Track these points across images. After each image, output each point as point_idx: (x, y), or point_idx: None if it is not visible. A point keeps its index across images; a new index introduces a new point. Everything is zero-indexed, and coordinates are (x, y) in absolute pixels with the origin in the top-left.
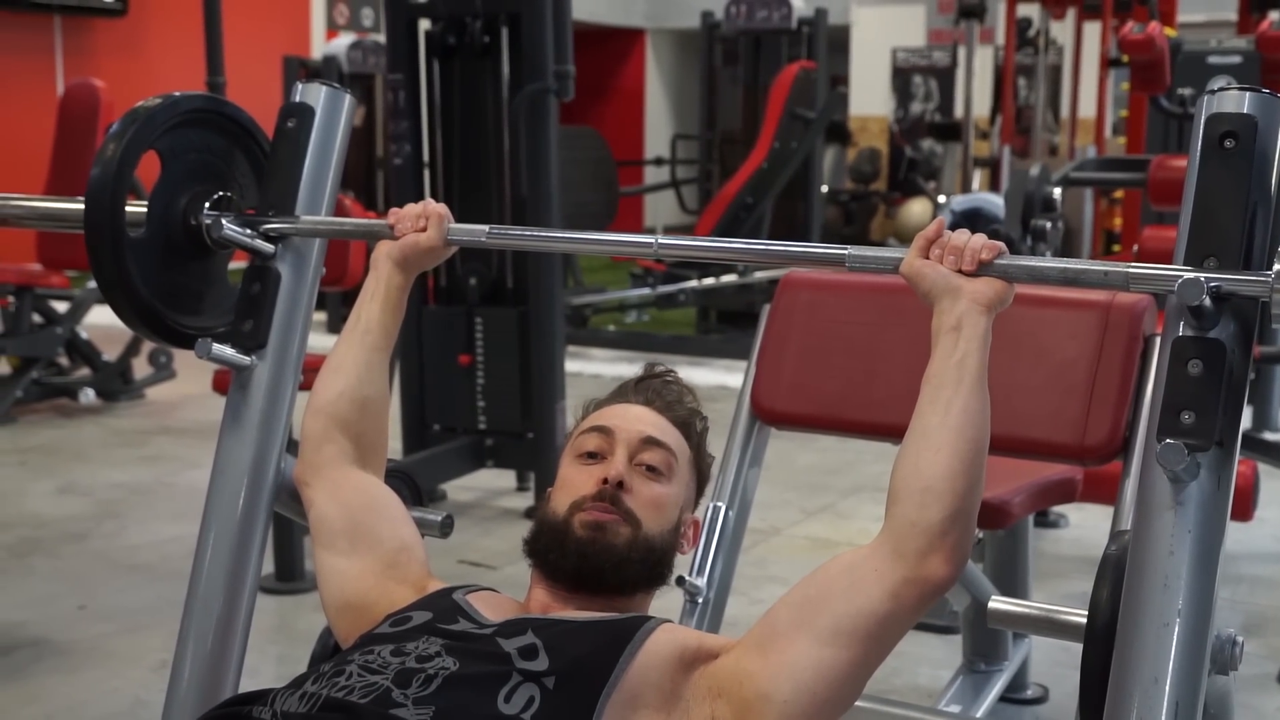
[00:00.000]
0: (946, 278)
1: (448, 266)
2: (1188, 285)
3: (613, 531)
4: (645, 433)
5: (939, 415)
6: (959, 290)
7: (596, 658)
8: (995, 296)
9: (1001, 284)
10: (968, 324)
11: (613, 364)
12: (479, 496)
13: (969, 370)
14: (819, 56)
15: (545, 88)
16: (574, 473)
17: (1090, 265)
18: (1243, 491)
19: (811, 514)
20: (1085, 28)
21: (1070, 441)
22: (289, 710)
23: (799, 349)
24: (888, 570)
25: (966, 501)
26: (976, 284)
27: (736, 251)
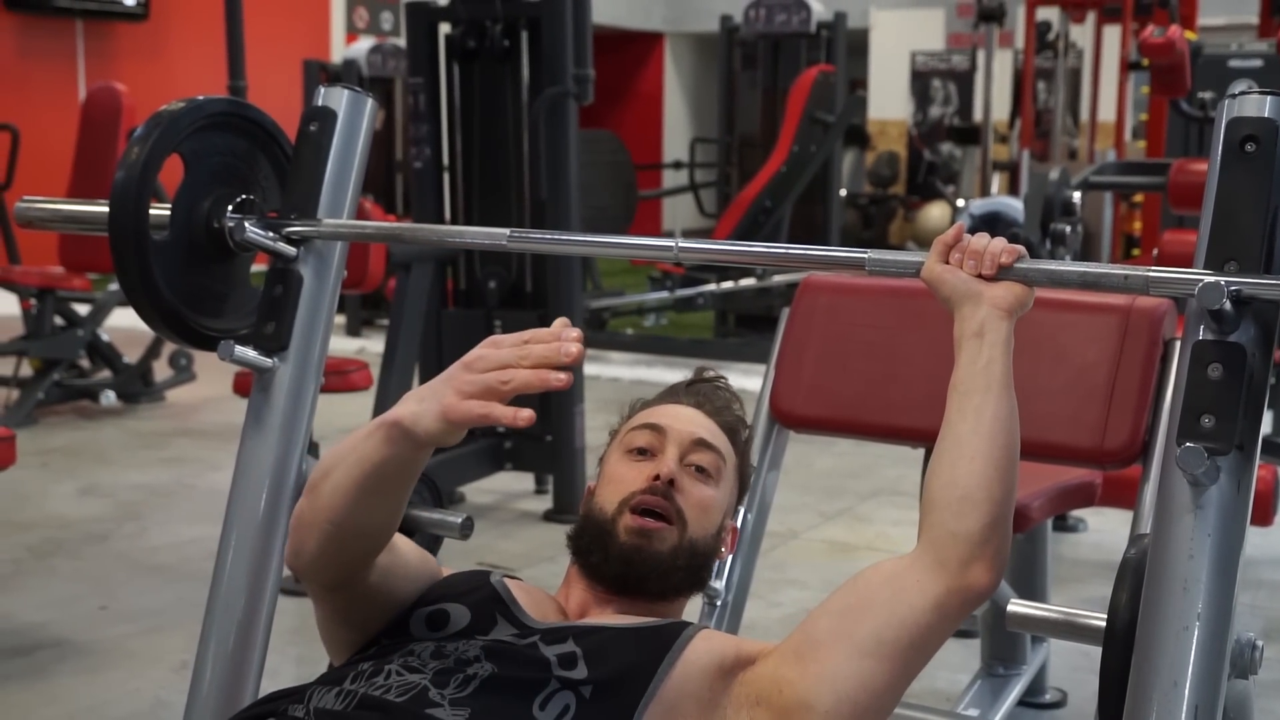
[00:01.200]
0: (967, 283)
1: (467, 269)
2: (1208, 289)
3: (659, 539)
4: (697, 434)
5: (970, 423)
6: (979, 296)
7: (635, 668)
8: (1015, 301)
9: (1021, 288)
10: (990, 329)
11: (631, 367)
12: (498, 499)
13: (995, 376)
14: (838, 60)
15: (565, 91)
16: (623, 468)
17: (1110, 269)
18: (1263, 496)
19: (830, 517)
20: (1105, 31)
21: (1089, 445)
22: (324, 707)
23: (818, 352)
24: (930, 582)
25: (1003, 508)
26: (996, 289)
27: (756, 255)
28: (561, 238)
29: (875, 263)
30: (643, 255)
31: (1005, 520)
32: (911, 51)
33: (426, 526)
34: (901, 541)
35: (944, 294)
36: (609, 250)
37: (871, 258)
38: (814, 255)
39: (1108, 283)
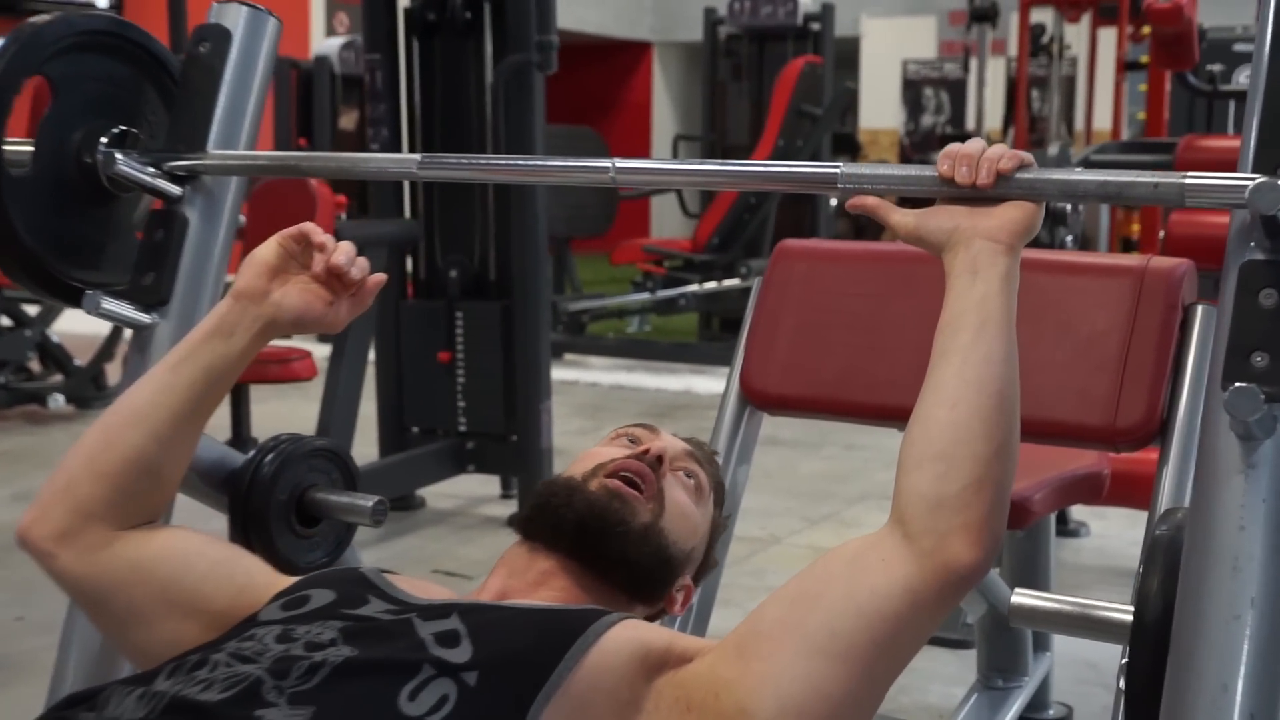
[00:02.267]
0: (953, 217)
1: (428, 257)
2: (1262, 191)
3: (632, 509)
4: (689, 448)
5: (954, 365)
6: (971, 231)
7: (534, 653)
8: (1016, 228)
9: (1022, 209)
10: (985, 263)
11: (611, 372)
12: (460, 504)
13: (992, 311)
14: (826, 53)
15: (527, 59)
16: (603, 448)
17: (1136, 177)
18: None
19: (814, 523)
20: (1100, 35)
21: (1100, 424)
22: (118, 717)
23: (794, 325)
24: (898, 560)
25: (994, 469)
26: (990, 219)
27: (703, 175)
28: (479, 161)
29: (850, 178)
30: (577, 180)
31: (996, 484)
32: (903, 60)
33: (333, 511)
34: None
35: (927, 237)
36: (537, 177)
37: (845, 172)
38: (776, 172)
39: (1134, 193)
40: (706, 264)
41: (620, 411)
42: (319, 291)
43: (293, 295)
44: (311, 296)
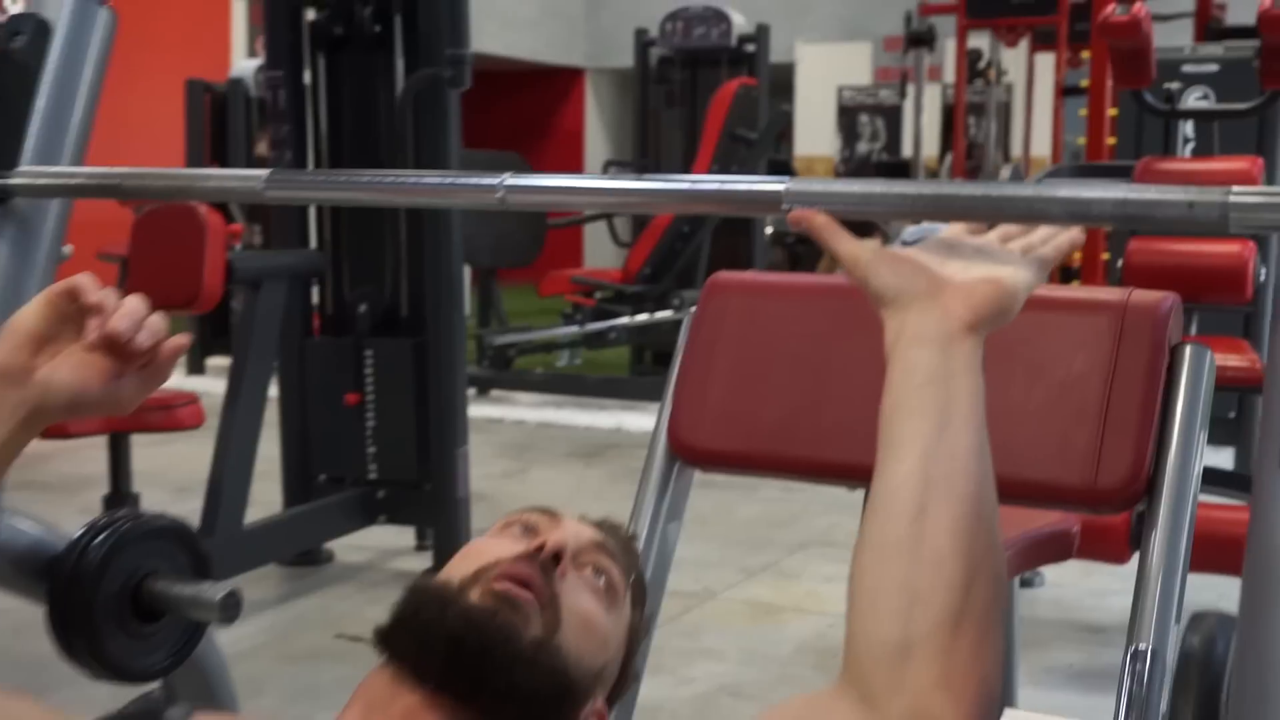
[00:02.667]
0: (917, 273)
1: (335, 291)
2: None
3: (522, 613)
4: (599, 539)
5: (914, 462)
6: (934, 293)
7: None
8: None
9: (1001, 288)
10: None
11: (539, 409)
12: (371, 557)
13: (960, 393)
14: (761, 75)
15: (437, 74)
16: (490, 543)
17: (1163, 194)
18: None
19: (753, 574)
20: (1037, 60)
21: (1079, 483)
22: None
23: (729, 368)
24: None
25: (976, 598)
26: (959, 292)
27: (610, 194)
28: (335, 178)
29: (799, 196)
30: (464, 203)
31: (978, 620)
32: (838, 86)
33: (176, 605)
34: (833, 601)
35: (876, 283)
36: (404, 193)
37: (792, 189)
38: (709, 191)
39: (1161, 214)
40: (638, 295)
41: (548, 451)
42: (99, 364)
43: (64, 372)
44: (89, 372)
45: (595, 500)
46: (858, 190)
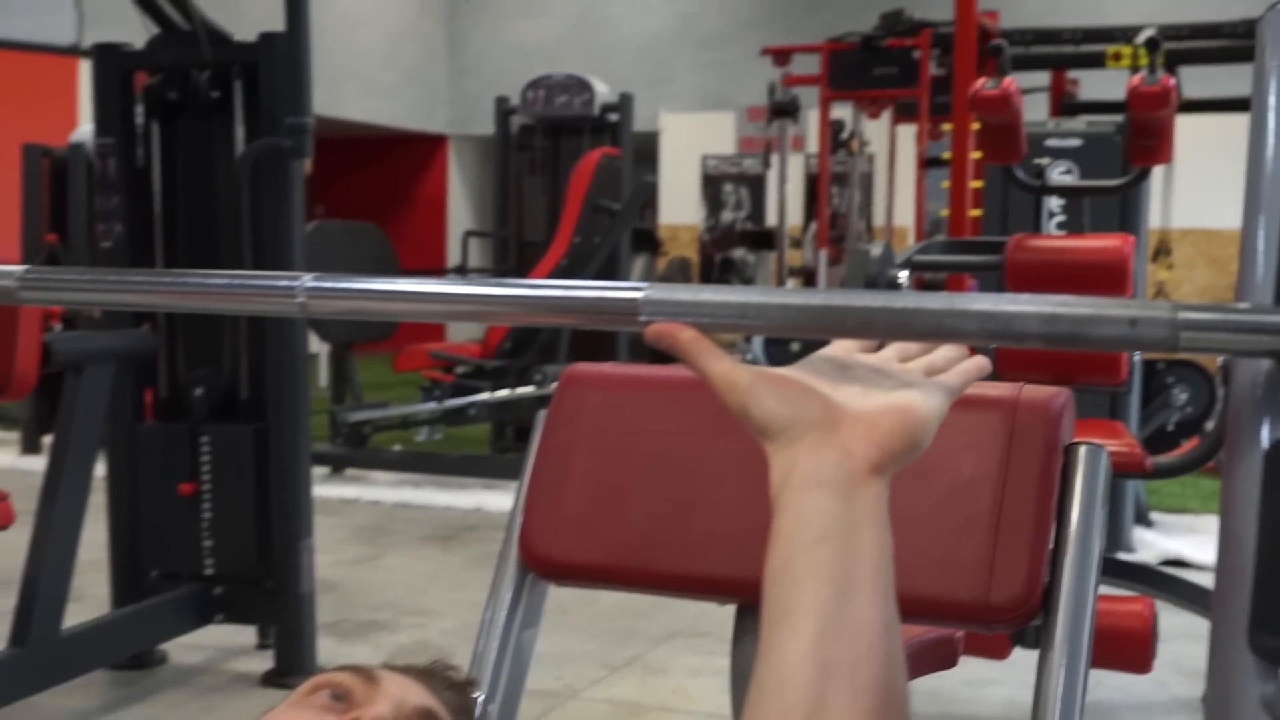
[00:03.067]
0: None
1: (169, 373)
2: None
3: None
4: (425, 705)
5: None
6: (830, 427)
7: None
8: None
9: (909, 416)
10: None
11: (396, 488)
12: (209, 657)
13: (865, 552)
14: (625, 145)
15: (277, 143)
16: (292, 712)
17: (1100, 309)
18: (1141, 637)
19: (616, 669)
20: (900, 131)
21: (970, 599)
22: None
23: (587, 471)
24: None
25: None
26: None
27: (448, 299)
28: (103, 278)
29: (656, 306)
30: (248, 306)
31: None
32: (702, 155)
33: None
34: (702, 698)
35: (755, 411)
36: (182, 298)
37: (650, 298)
38: (552, 297)
39: (1098, 334)
40: (498, 370)
41: (404, 534)
42: None
43: None
44: None
45: (453, 588)
46: (732, 300)
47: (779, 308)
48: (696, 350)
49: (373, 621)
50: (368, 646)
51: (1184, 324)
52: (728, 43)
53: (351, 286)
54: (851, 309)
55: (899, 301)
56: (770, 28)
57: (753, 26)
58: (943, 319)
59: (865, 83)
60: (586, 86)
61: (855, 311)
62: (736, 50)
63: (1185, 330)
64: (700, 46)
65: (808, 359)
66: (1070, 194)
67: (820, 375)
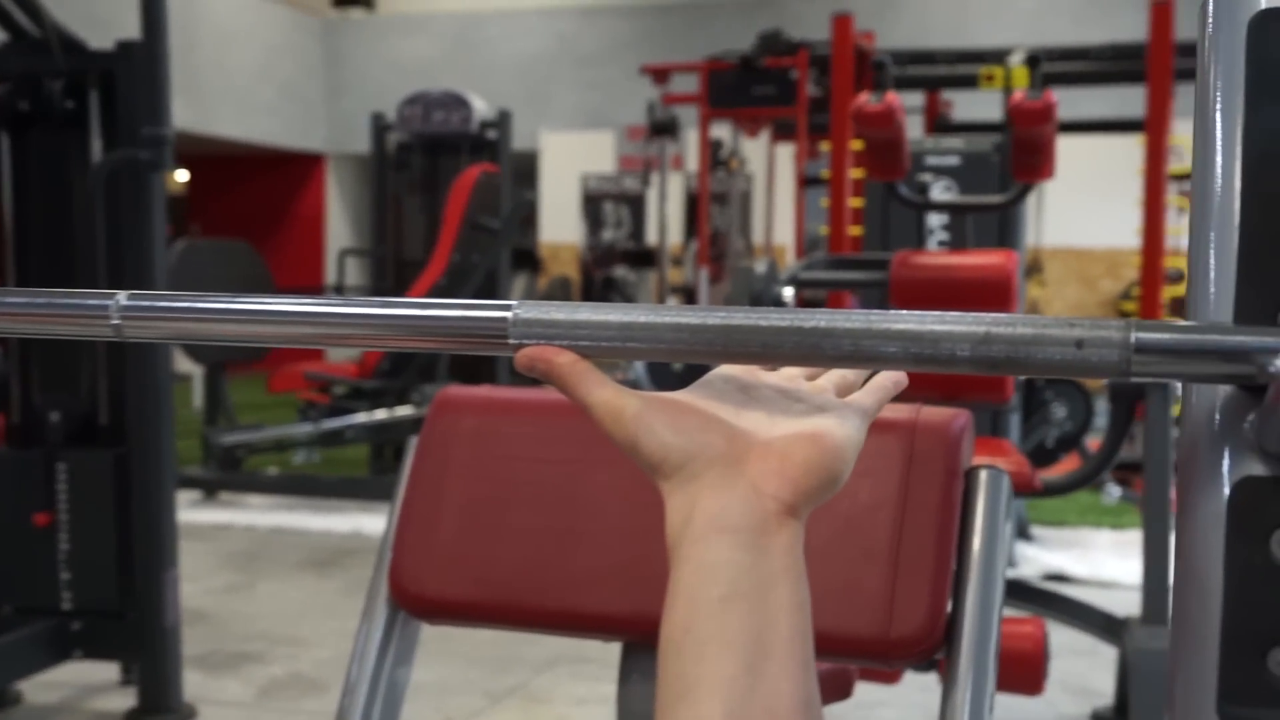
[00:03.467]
0: (708, 429)
1: (23, 397)
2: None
3: None
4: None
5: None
6: (736, 462)
7: None
8: (813, 478)
9: (824, 446)
10: (756, 525)
11: (271, 513)
12: (68, 696)
13: (781, 612)
14: (503, 161)
15: (133, 156)
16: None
17: (1041, 330)
18: (1033, 659)
19: (498, 699)
20: (778, 151)
21: (870, 634)
22: None
23: (461, 502)
24: None
25: None
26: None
27: (286, 319)
28: None
29: (528, 327)
30: (49, 328)
31: None
32: (582, 174)
33: None
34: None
35: (647, 446)
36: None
37: (520, 316)
38: (396, 320)
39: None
40: (376, 391)
41: (279, 561)
42: None
43: None
44: None
45: (329, 617)
46: (615, 320)
47: (670, 328)
48: (574, 377)
49: (243, 653)
50: (237, 680)
51: (1139, 346)
52: (606, 62)
53: (175, 306)
54: (754, 329)
55: (809, 321)
56: (648, 48)
57: (631, 46)
58: (860, 340)
59: (744, 101)
60: (464, 103)
61: (758, 333)
62: (615, 70)
63: (1140, 353)
64: (579, 66)
65: (703, 380)
66: (954, 210)
67: (719, 400)
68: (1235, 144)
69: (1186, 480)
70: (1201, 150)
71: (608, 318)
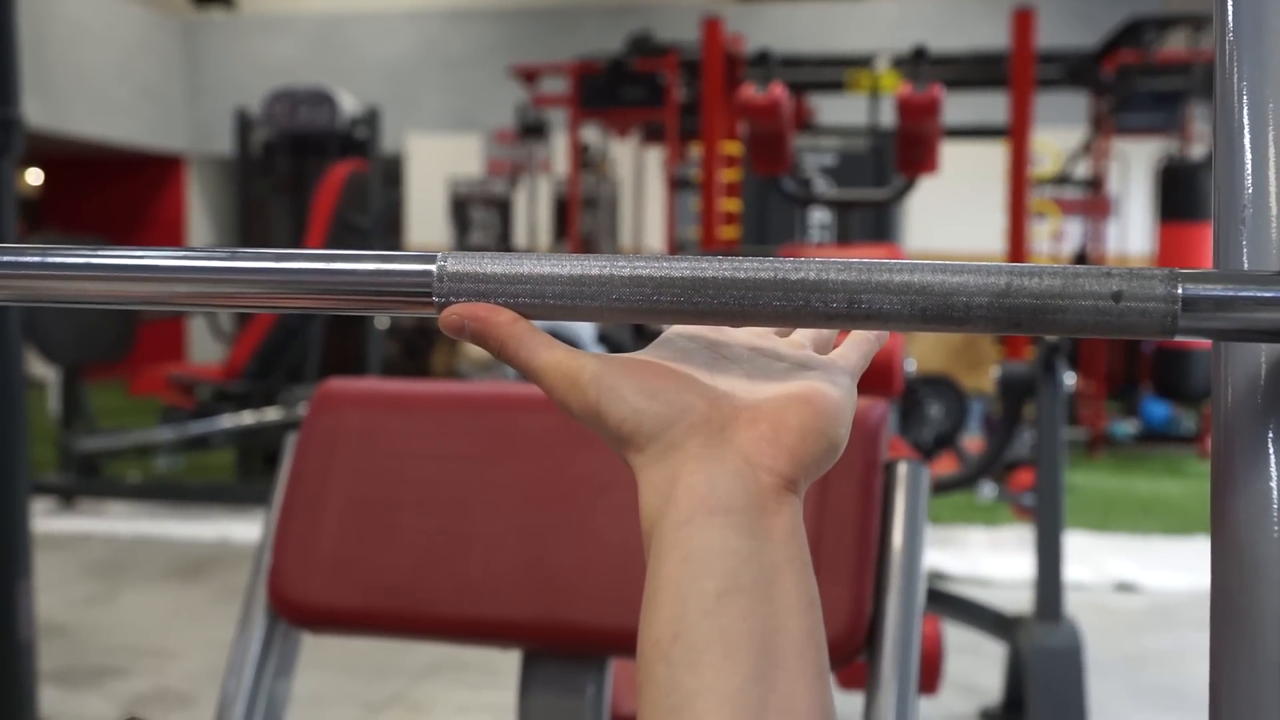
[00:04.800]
0: (683, 389)
1: None
2: None
3: None
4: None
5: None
6: (720, 425)
7: None
8: (811, 443)
9: (819, 404)
10: (752, 503)
11: (134, 521)
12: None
13: (786, 611)
14: (373, 159)
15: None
16: None
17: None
18: (931, 658)
19: (377, 708)
20: (647, 155)
21: None
22: None
23: (345, 503)
24: None
25: None
26: (760, 421)
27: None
28: None
29: (455, 282)
30: None
31: None
32: (449, 178)
33: None
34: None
35: (611, 412)
36: None
37: (447, 269)
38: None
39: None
40: (243, 394)
41: (142, 570)
42: None
43: None
44: None
45: (196, 627)
46: (562, 273)
47: (628, 282)
48: (515, 338)
49: (105, 667)
50: (99, 696)
51: (1186, 299)
52: (473, 65)
53: (29, 261)
54: (730, 282)
55: (796, 272)
56: (515, 51)
57: (498, 50)
58: (857, 295)
59: (614, 103)
60: (332, 99)
61: (734, 287)
62: (482, 73)
63: (1187, 309)
64: (445, 69)
65: (662, 339)
66: (840, 205)
67: (686, 360)
68: None
69: (1228, 455)
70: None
71: (555, 270)
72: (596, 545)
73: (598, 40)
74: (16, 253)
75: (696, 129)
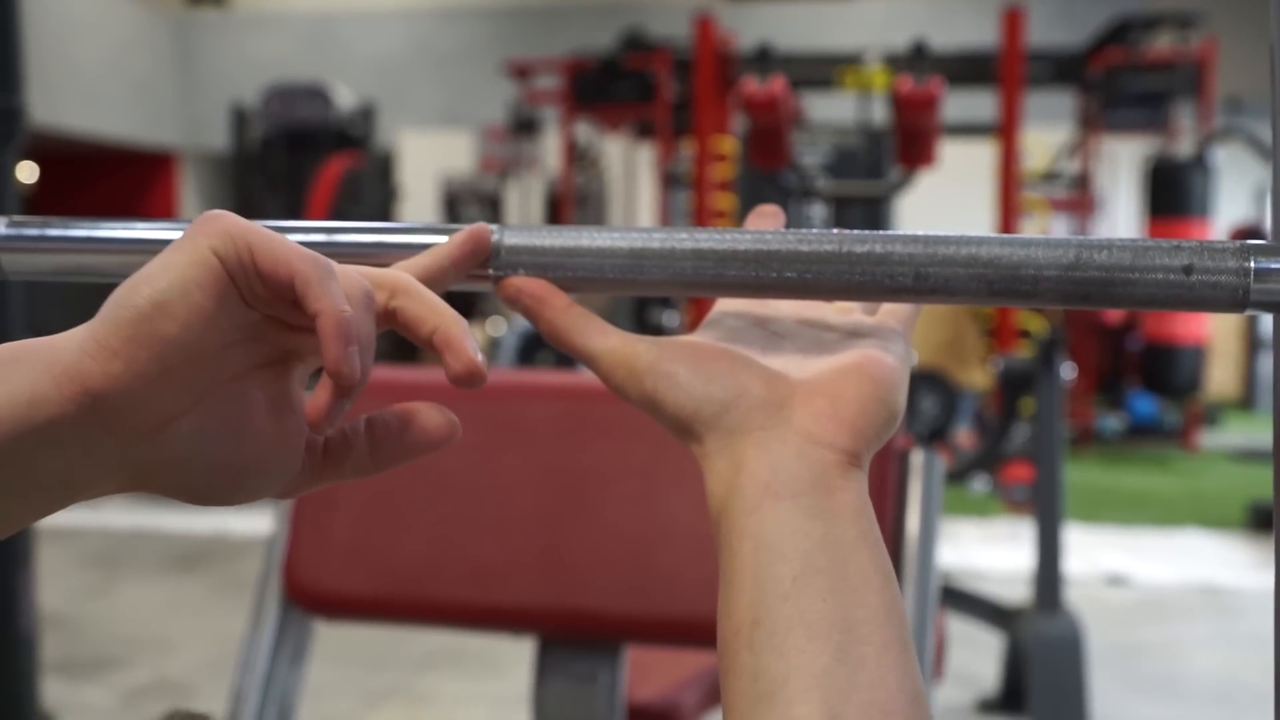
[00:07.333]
0: (737, 370)
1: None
2: None
3: None
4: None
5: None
6: (778, 406)
7: None
8: (869, 414)
9: (872, 379)
10: (818, 483)
11: (129, 513)
12: None
13: (864, 587)
14: (370, 152)
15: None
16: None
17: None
18: (936, 646)
19: (378, 698)
20: (640, 151)
21: None
22: None
23: (359, 491)
24: None
25: None
26: (818, 396)
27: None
28: None
29: (514, 254)
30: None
31: None
32: (441, 174)
33: None
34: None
35: (668, 396)
36: None
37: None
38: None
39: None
40: None
41: (139, 562)
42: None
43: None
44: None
45: (195, 618)
46: (621, 246)
47: (691, 254)
48: (568, 321)
49: (106, 658)
50: (101, 687)
51: (1259, 273)
52: (465, 61)
53: (66, 235)
54: (794, 255)
55: (861, 245)
56: (507, 47)
57: (490, 46)
58: (924, 268)
59: (606, 99)
60: (328, 93)
61: (798, 260)
62: (474, 69)
63: (1259, 281)
64: (437, 65)
65: (710, 320)
66: (838, 200)
67: (737, 339)
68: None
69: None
70: None
71: (614, 243)
72: (610, 532)
73: (589, 37)
74: (18, 225)
75: (688, 125)
